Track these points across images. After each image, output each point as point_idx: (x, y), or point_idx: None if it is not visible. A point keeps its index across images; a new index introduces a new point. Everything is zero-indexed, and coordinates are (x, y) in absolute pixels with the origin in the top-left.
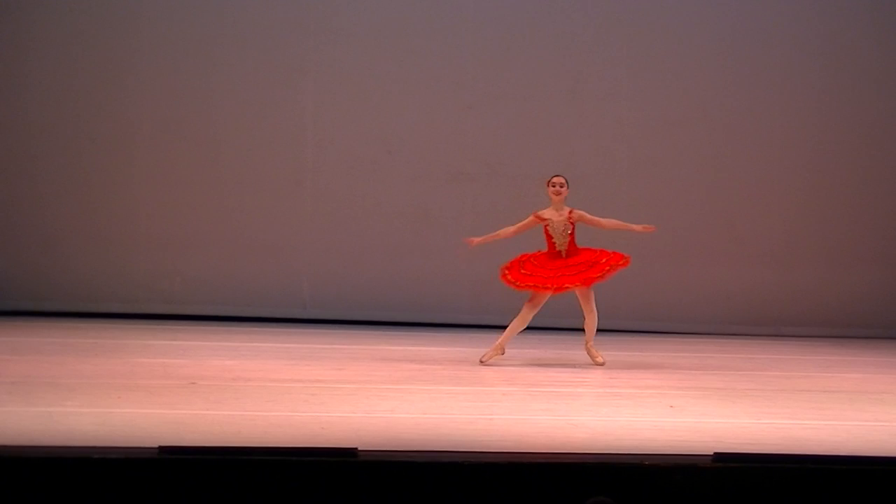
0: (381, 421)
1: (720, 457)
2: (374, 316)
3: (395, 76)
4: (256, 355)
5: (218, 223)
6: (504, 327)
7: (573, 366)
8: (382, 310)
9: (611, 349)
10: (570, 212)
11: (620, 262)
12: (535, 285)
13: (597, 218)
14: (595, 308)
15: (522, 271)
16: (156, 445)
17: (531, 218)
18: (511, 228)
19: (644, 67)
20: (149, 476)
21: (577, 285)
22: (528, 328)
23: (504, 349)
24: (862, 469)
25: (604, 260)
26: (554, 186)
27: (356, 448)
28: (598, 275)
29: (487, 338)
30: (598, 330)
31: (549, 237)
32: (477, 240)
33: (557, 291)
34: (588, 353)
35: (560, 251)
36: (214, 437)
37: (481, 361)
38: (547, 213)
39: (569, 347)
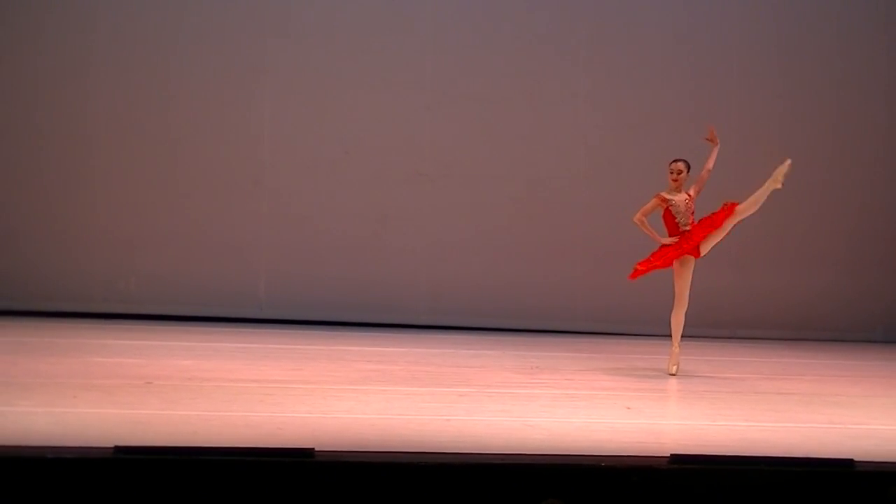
0: (338, 421)
1: (676, 458)
2: (332, 316)
3: (352, 77)
4: (213, 355)
5: (175, 223)
6: (461, 328)
7: (530, 367)
8: (339, 310)
9: (567, 351)
10: (689, 191)
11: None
12: (677, 253)
13: (702, 174)
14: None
15: (649, 257)
16: (111, 445)
17: (654, 200)
18: (638, 215)
19: (603, 69)
20: (104, 476)
21: (709, 231)
22: (495, 329)
23: (678, 347)
24: (816, 471)
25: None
26: (672, 174)
27: (313, 448)
28: (721, 217)
29: (445, 339)
30: (554, 331)
31: (672, 218)
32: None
33: (696, 245)
34: (780, 175)
35: (684, 231)
36: (170, 438)
37: (671, 374)
38: (668, 195)
39: (528, 349)
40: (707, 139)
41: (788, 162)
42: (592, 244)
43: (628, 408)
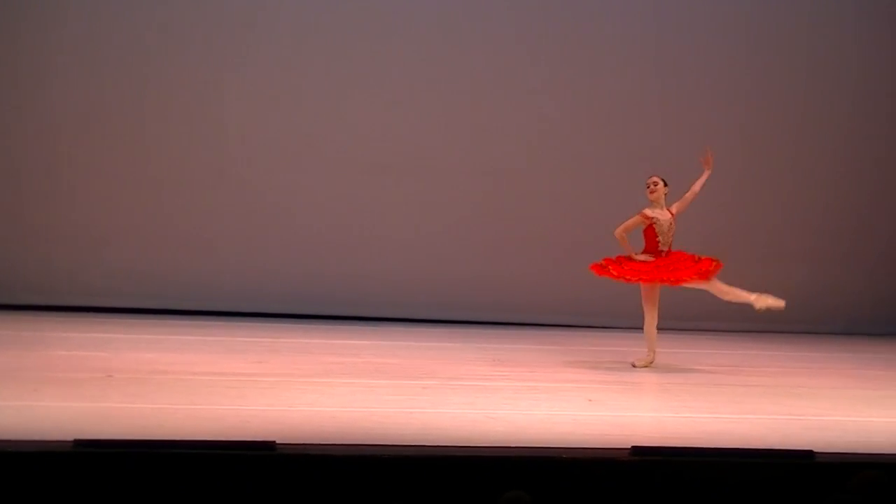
0: (300, 414)
1: (638, 450)
2: (295, 309)
3: (318, 70)
4: (176, 348)
5: (139, 215)
6: (425, 321)
7: (492, 360)
8: (303, 303)
9: (530, 343)
10: (671, 209)
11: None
12: (655, 279)
13: (686, 195)
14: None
15: (626, 267)
16: (71, 439)
17: (638, 217)
18: (620, 229)
19: (569, 63)
20: (63, 470)
21: (693, 278)
22: (459, 321)
23: (654, 353)
24: (777, 462)
25: (700, 258)
26: (648, 187)
27: (274, 441)
28: (708, 269)
29: (408, 332)
30: (519, 324)
31: (654, 236)
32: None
33: (674, 284)
34: (765, 303)
35: (662, 250)
36: (131, 431)
37: (633, 365)
38: (652, 212)
39: (492, 342)
40: (702, 161)
41: (782, 305)
42: (556, 237)
43: (590, 400)
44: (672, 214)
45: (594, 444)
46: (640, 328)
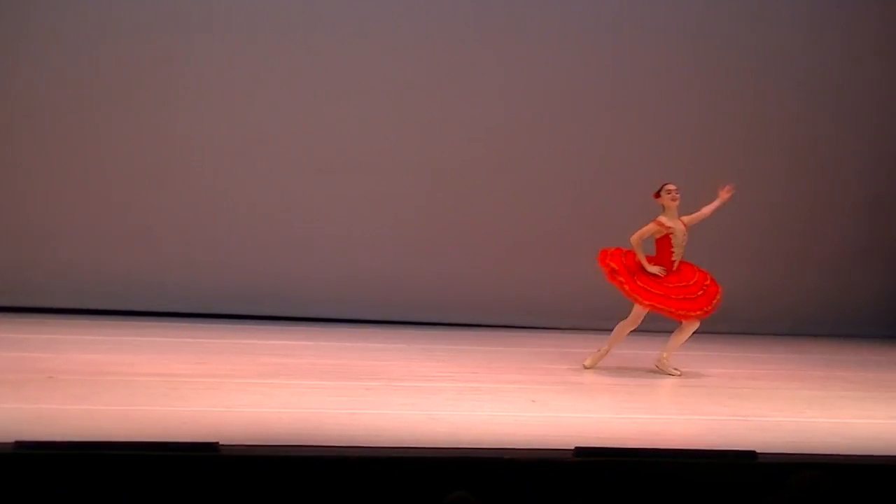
0: (243, 415)
1: (581, 451)
2: (237, 309)
3: (263, 68)
4: (118, 349)
5: (81, 214)
6: (362, 321)
7: (436, 360)
8: (245, 303)
9: (474, 344)
10: (682, 220)
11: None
12: (663, 308)
13: (696, 214)
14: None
15: (639, 284)
16: (12, 440)
17: (654, 225)
18: (636, 236)
19: (515, 60)
20: (5, 472)
21: (698, 316)
22: (403, 322)
23: (608, 352)
24: (720, 462)
25: (708, 282)
26: (670, 193)
27: (217, 443)
28: (711, 307)
29: (351, 332)
30: (463, 324)
31: (669, 247)
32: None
33: (681, 319)
34: (663, 367)
35: (674, 261)
36: (73, 432)
37: (584, 366)
38: (669, 221)
39: (436, 343)
40: (721, 191)
41: (675, 375)
42: (501, 236)
43: (533, 400)
44: (685, 226)
45: (537, 444)
46: (585, 329)
